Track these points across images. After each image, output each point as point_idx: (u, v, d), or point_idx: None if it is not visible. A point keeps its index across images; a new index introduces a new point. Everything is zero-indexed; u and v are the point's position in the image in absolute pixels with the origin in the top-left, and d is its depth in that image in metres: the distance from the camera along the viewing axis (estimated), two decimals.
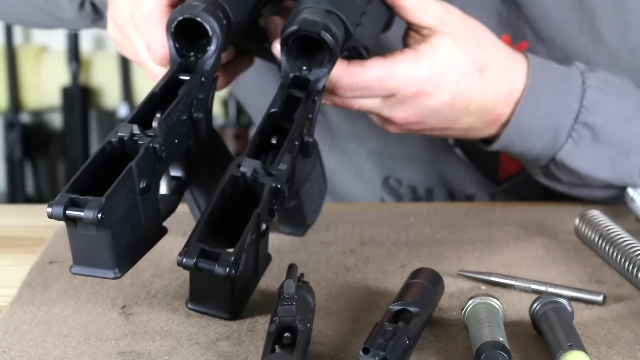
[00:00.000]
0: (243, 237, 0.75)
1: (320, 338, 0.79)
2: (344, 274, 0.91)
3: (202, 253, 0.74)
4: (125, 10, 0.92)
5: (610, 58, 1.06)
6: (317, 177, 0.96)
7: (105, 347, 0.78)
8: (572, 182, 1.03)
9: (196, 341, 0.79)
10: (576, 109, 0.98)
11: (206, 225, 0.76)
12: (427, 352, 0.77)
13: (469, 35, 0.94)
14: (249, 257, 0.77)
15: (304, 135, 0.85)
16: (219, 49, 0.85)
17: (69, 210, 0.71)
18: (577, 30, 1.06)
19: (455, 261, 0.93)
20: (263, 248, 0.80)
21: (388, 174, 1.18)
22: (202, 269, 0.74)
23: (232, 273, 0.73)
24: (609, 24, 1.06)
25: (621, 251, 0.90)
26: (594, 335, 0.79)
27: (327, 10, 0.84)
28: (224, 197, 0.79)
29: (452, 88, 0.93)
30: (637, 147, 1.00)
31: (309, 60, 0.86)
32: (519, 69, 0.97)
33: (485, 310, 0.78)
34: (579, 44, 1.06)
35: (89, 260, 0.75)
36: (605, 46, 1.07)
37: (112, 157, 0.77)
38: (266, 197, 0.78)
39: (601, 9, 1.06)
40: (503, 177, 1.15)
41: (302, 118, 0.84)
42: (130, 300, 0.85)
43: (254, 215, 0.76)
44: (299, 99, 0.85)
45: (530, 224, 1.01)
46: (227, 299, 0.77)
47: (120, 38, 0.95)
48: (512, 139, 0.99)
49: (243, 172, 0.79)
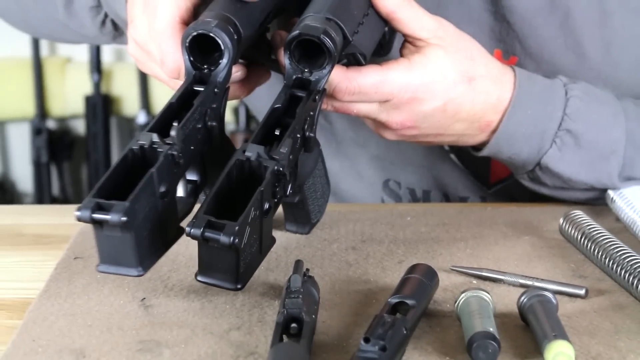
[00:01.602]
0: (247, 210, 0.74)
1: (325, 328, 0.79)
2: (346, 269, 0.91)
3: (209, 224, 0.73)
4: (143, 29, 0.92)
5: (594, 72, 1.06)
6: (320, 177, 0.96)
7: (126, 337, 0.78)
8: (557, 185, 1.03)
9: (210, 331, 0.79)
10: (560, 116, 0.98)
11: (213, 201, 0.76)
12: (423, 342, 0.77)
13: (461, 48, 0.94)
14: (252, 232, 0.76)
15: (306, 131, 0.85)
16: (230, 61, 0.85)
17: (95, 214, 0.72)
18: (563, 46, 1.06)
19: (449, 257, 0.93)
20: (267, 228, 0.80)
21: (388, 177, 1.18)
22: (209, 239, 0.73)
23: (235, 242, 0.72)
24: (592, 40, 1.06)
25: (602, 248, 0.90)
26: (577, 326, 0.79)
27: (327, 18, 0.85)
28: (230, 178, 0.79)
29: (444, 95, 0.93)
30: (615, 151, 1.00)
31: (310, 64, 0.86)
32: (506, 79, 0.97)
33: (476, 303, 0.78)
34: (565, 59, 1.06)
35: (114, 259, 0.75)
36: (589, 61, 1.07)
37: (133, 163, 0.77)
38: (269, 178, 0.78)
39: (585, 27, 1.06)
40: (494, 180, 1.15)
41: (303, 113, 0.84)
42: (149, 293, 0.85)
43: (257, 192, 0.76)
44: (301, 97, 0.85)
45: (518, 223, 1.01)
46: (233, 270, 0.76)
47: (140, 55, 0.96)
48: (500, 145, 0.99)
49: (248, 157, 0.79)
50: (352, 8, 0.88)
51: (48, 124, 2.81)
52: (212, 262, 0.76)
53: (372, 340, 0.69)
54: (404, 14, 0.91)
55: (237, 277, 0.76)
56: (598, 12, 1.06)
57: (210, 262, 0.76)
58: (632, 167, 1.01)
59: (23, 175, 2.85)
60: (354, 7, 0.89)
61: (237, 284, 0.76)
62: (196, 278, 0.77)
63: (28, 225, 1.03)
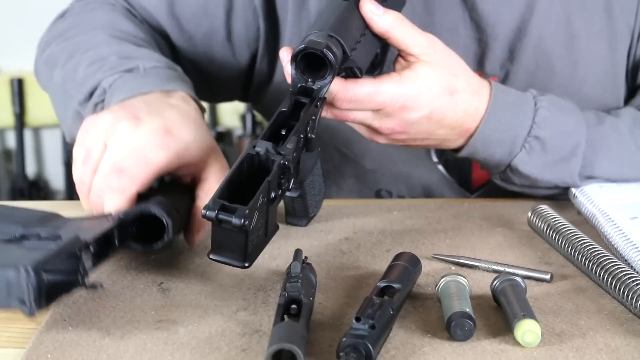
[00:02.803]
0: (256, 197, 0.75)
1: (321, 309, 0.79)
2: (340, 257, 0.91)
3: (222, 207, 0.73)
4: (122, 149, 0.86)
5: (562, 88, 1.07)
6: (318, 176, 0.96)
7: (146, 316, 0.78)
8: (525, 184, 1.03)
9: (220, 311, 0.79)
10: (529, 124, 0.98)
11: (225, 188, 0.76)
12: (407, 321, 0.77)
13: (446, 65, 0.94)
14: (260, 217, 0.76)
15: (308, 132, 0.85)
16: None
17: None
18: (536, 66, 1.07)
19: (431, 247, 0.93)
20: (272, 215, 0.80)
21: (380, 187, 1.17)
22: (222, 220, 0.73)
23: (245, 223, 0.73)
24: (561, 60, 1.07)
25: (565, 239, 0.90)
26: (543, 307, 0.80)
27: (329, 35, 0.85)
28: (241, 169, 0.79)
29: (429, 105, 0.93)
30: (576, 154, 1.00)
31: (314, 74, 0.86)
32: (483, 92, 0.98)
33: (454, 286, 0.78)
34: (537, 77, 1.07)
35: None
36: (557, 78, 1.07)
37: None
38: (275, 170, 0.78)
39: (555, 48, 1.07)
40: (475, 187, 1.15)
41: (306, 117, 0.84)
42: (166, 278, 0.85)
43: (265, 182, 0.76)
44: (304, 103, 0.85)
45: (491, 217, 1.01)
46: (242, 250, 0.76)
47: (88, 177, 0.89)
48: (476, 148, 0.99)
49: (257, 151, 0.79)
50: (351, 28, 0.89)
51: None
52: (224, 242, 0.76)
53: (362, 319, 0.69)
54: (397, 33, 0.91)
55: (245, 256, 0.76)
56: (565, 35, 1.06)
57: (222, 242, 0.76)
58: (591, 167, 1.01)
59: (55, 175, 2.85)
60: (353, 27, 0.90)
61: (245, 262, 0.76)
62: (209, 256, 0.77)
63: None
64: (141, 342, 0.74)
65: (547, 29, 1.07)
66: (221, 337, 0.74)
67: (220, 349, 0.73)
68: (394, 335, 0.74)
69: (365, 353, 0.68)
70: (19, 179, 2.72)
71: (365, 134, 0.97)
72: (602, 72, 1.09)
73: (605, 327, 0.76)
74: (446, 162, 1.14)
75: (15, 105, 2.64)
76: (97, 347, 0.73)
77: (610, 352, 0.72)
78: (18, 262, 0.70)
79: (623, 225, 0.92)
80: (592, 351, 0.72)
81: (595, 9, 1.07)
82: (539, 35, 1.07)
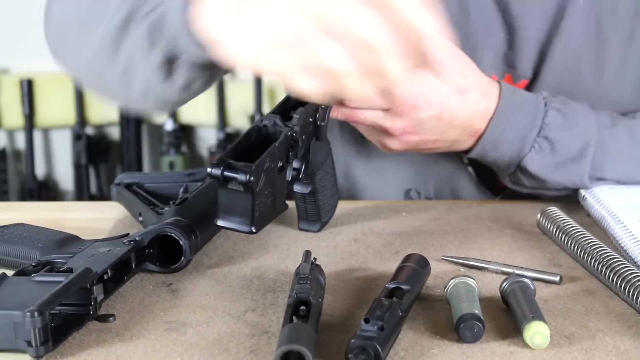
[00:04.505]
0: (262, 157, 0.75)
1: (330, 310, 0.79)
2: (348, 259, 0.91)
3: (228, 165, 0.74)
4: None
5: (588, 92, 1.06)
6: (330, 177, 0.96)
7: (156, 317, 0.78)
8: (535, 186, 1.02)
9: (229, 312, 0.79)
10: (539, 125, 0.98)
11: (232, 152, 0.76)
12: (416, 322, 0.77)
13: (455, 64, 0.95)
14: (267, 184, 0.76)
15: (318, 120, 0.86)
16: None
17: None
18: (563, 68, 1.06)
19: (440, 248, 0.93)
20: (281, 189, 0.80)
21: (410, 186, 1.17)
22: (227, 177, 0.73)
23: (251, 179, 0.73)
24: (589, 64, 1.06)
25: (575, 241, 0.90)
26: (552, 309, 0.79)
27: None
28: (249, 138, 0.79)
29: (439, 104, 0.94)
30: (585, 155, 1.00)
31: None
32: (493, 92, 0.98)
33: (463, 288, 0.78)
34: (564, 79, 1.07)
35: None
36: (584, 82, 1.07)
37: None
38: (283, 138, 0.79)
39: (584, 52, 1.06)
40: (499, 189, 1.15)
41: (314, 103, 0.85)
42: (175, 279, 0.86)
43: (272, 146, 0.77)
44: None
45: (500, 218, 1.01)
46: (249, 214, 0.75)
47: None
48: (486, 148, 0.99)
49: (265, 124, 0.80)
50: None
51: (87, 130, 2.81)
52: (230, 206, 0.75)
53: (371, 320, 0.69)
54: None
55: (252, 221, 0.75)
56: (595, 39, 1.06)
57: (229, 205, 0.75)
58: (601, 169, 1.01)
59: (65, 176, 2.86)
60: None
61: (251, 226, 0.76)
62: (216, 224, 0.76)
63: (69, 220, 1.04)
64: (150, 343, 0.74)
65: (577, 32, 1.05)
66: (230, 338, 0.74)
67: (229, 350, 0.73)
68: (402, 336, 0.74)
69: (374, 355, 0.68)
70: (28, 179, 2.73)
71: (377, 142, 0.97)
72: (629, 79, 1.08)
73: (615, 330, 0.76)
74: (475, 163, 1.13)
75: (25, 106, 2.65)
76: (107, 347, 0.73)
77: (619, 355, 0.72)
78: (26, 301, 0.70)
79: (633, 227, 0.92)
80: (601, 353, 0.72)
81: (626, 14, 1.06)
82: (569, 38, 1.05)
